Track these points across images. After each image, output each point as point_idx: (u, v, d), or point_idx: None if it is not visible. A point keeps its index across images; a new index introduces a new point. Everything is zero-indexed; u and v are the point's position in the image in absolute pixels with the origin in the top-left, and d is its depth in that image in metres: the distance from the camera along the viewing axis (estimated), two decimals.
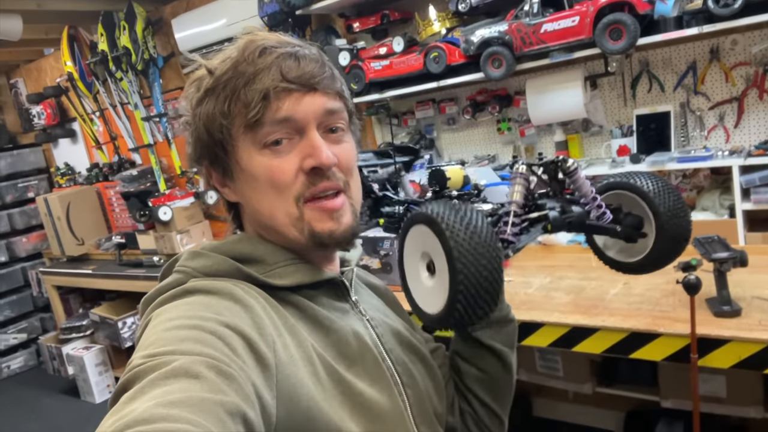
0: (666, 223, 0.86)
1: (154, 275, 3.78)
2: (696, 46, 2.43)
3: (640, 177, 0.91)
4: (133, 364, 0.57)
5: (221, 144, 0.76)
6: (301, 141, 0.75)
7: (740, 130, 2.42)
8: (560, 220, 0.87)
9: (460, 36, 2.65)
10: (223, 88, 0.74)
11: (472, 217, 0.73)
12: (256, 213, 0.79)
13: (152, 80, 4.20)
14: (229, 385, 0.55)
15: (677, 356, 1.83)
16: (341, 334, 0.78)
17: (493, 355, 0.98)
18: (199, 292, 0.69)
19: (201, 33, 3.80)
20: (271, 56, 0.74)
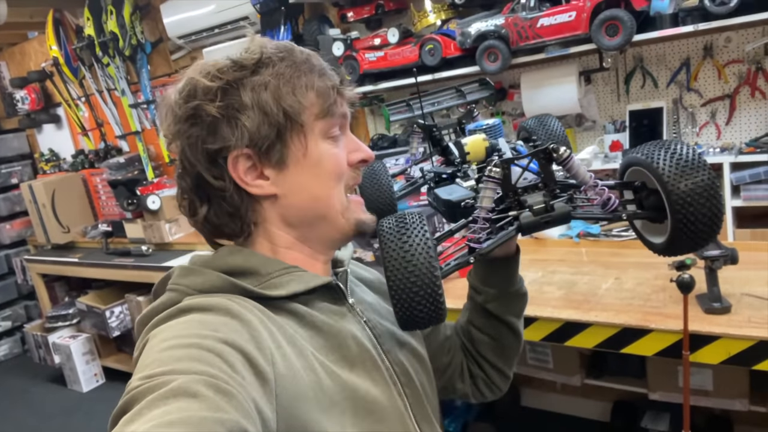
0: (680, 206, 0.74)
1: (143, 265, 3.77)
2: (690, 42, 2.44)
3: (659, 150, 0.77)
4: (131, 387, 0.56)
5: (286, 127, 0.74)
6: (341, 137, 0.81)
7: (731, 127, 2.45)
8: (534, 221, 0.79)
9: (456, 28, 2.63)
10: (297, 68, 0.75)
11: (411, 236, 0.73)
12: (309, 202, 0.79)
13: (140, 66, 4.13)
14: (229, 403, 0.55)
15: (668, 352, 1.86)
16: (340, 338, 0.78)
17: (506, 325, 1.04)
18: (195, 310, 0.68)
19: (190, 18, 3.73)
20: (313, 59, 0.78)
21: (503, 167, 0.80)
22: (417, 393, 0.87)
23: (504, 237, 0.80)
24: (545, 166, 0.82)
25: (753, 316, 1.81)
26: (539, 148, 0.81)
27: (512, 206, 0.82)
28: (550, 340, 2.09)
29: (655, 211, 0.79)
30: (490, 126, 1.03)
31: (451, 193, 0.92)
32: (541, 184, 0.82)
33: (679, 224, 0.75)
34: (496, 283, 1.02)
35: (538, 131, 1.06)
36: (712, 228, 0.75)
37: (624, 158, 0.86)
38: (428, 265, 0.72)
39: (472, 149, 0.95)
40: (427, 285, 0.72)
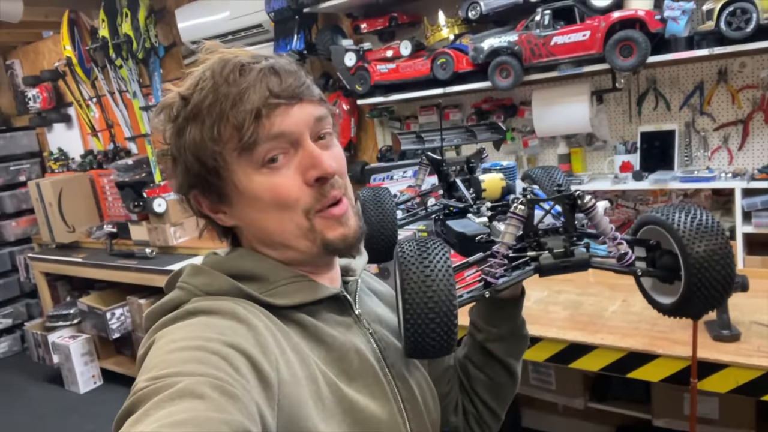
0: (695, 269, 0.74)
1: (146, 267, 3.76)
2: (704, 66, 2.43)
3: (678, 212, 0.79)
4: (137, 388, 0.57)
5: (215, 170, 0.74)
6: (297, 153, 0.75)
7: (744, 152, 2.43)
8: (553, 264, 0.80)
9: (469, 43, 2.63)
10: (208, 113, 0.72)
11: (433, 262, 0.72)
12: (262, 232, 0.78)
13: (152, 69, 4.15)
14: (234, 405, 0.55)
15: (674, 378, 1.83)
16: (343, 351, 0.78)
17: (504, 367, 1.02)
18: (202, 313, 0.69)
19: (204, 24, 3.75)
20: (252, 73, 0.72)
21: (528, 206, 0.80)
22: (418, 409, 0.86)
23: (522, 276, 0.80)
24: (568, 212, 0.82)
25: (762, 345, 1.78)
26: (565, 193, 0.81)
27: (531, 246, 0.82)
28: (554, 361, 2.06)
29: (668, 271, 0.80)
30: (505, 167, 1.02)
31: (465, 226, 0.92)
32: (561, 229, 0.83)
33: (693, 287, 0.75)
34: (498, 323, 1.01)
35: (543, 181, 1.07)
36: (723, 293, 0.75)
37: (641, 216, 0.86)
38: (448, 294, 0.71)
39: (489, 186, 0.95)
40: (444, 314, 0.71)
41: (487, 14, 2.61)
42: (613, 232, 0.81)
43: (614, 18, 2.23)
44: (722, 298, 0.76)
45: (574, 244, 0.82)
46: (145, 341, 0.69)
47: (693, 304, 0.78)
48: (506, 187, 0.96)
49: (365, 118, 3.42)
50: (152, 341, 0.67)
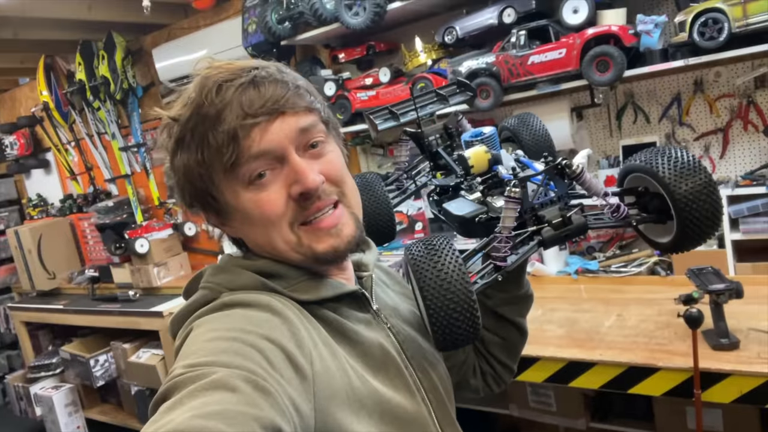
0: (685, 206, 0.79)
1: (129, 310, 3.66)
2: (680, 78, 2.46)
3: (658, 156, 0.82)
4: (174, 374, 0.58)
5: (207, 192, 0.76)
6: (284, 168, 0.74)
7: (726, 160, 2.44)
8: (555, 236, 0.83)
9: (447, 67, 2.65)
10: (192, 136, 0.73)
11: (443, 259, 0.74)
12: (258, 246, 0.80)
13: (131, 110, 4.13)
14: (266, 400, 0.56)
15: (677, 391, 1.79)
16: (366, 346, 0.79)
17: (514, 326, 1.08)
18: (238, 305, 0.70)
19: (182, 63, 3.75)
20: (229, 91, 0.72)
21: (521, 186, 0.82)
22: (440, 398, 0.88)
23: (527, 253, 0.83)
24: (559, 181, 0.85)
25: (762, 351, 1.75)
26: (552, 164, 0.83)
27: (530, 221, 0.85)
28: (553, 381, 2.01)
29: (660, 213, 0.85)
30: (487, 136, 1.00)
31: (462, 208, 0.94)
32: (555, 198, 0.85)
33: (685, 222, 0.80)
34: (506, 288, 1.05)
35: (521, 131, 1.09)
36: (714, 223, 0.81)
37: (623, 166, 0.90)
38: (464, 286, 0.73)
39: (476, 162, 0.95)
40: (465, 307, 0.73)
41: (463, 38, 2.63)
42: (604, 190, 0.84)
43: (589, 35, 2.26)
44: (714, 227, 0.81)
45: (569, 209, 0.85)
46: (181, 333, 0.71)
47: (689, 238, 0.83)
48: (492, 158, 0.95)
49: (348, 146, 3.41)
50: (190, 329, 0.68)
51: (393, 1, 2.61)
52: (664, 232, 0.88)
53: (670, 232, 0.85)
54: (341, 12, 2.63)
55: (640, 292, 2.40)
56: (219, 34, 3.57)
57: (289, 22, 2.87)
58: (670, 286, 2.37)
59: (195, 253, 4.21)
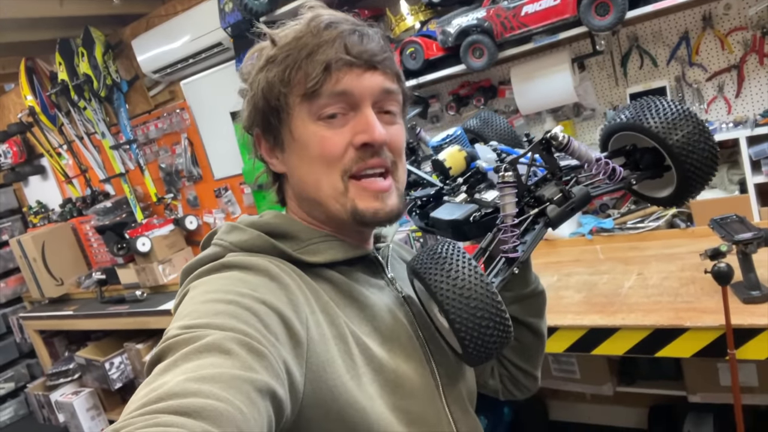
0: (682, 155, 0.78)
1: (139, 311, 3.60)
2: (686, 15, 2.28)
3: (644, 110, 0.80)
4: (169, 335, 0.58)
5: (277, 111, 0.76)
6: (355, 117, 0.75)
7: (742, 99, 2.28)
8: (560, 212, 0.79)
9: (436, 28, 2.48)
10: (285, 57, 0.74)
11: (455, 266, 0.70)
12: (301, 184, 0.79)
13: (117, 106, 4.00)
14: (260, 363, 0.56)
15: (708, 351, 1.68)
16: (376, 310, 0.78)
17: (526, 327, 1.00)
18: (237, 267, 0.70)
19: (165, 52, 3.62)
20: (335, 30, 0.74)
21: (513, 168, 0.78)
22: (452, 373, 0.85)
23: (537, 237, 0.79)
24: (548, 157, 0.80)
25: None
26: (538, 140, 0.79)
27: (530, 204, 0.81)
28: (575, 350, 1.90)
29: (655, 167, 0.83)
30: (455, 136, 0.99)
31: (452, 212, 0.89)
32: (548, 175, 0.81)
33: (685, 171, 0.79)
34: (511, 286, 0.99)
35: (485, 130, 1.06)
36: (713, 165, 0.80)
37: (605, 127, 0.87)
38: (485, 287, 0.69)
39: (453, 163, 0.92)
40: (493, 312, 0.68)
41: None
42: (595, 156, 0.81)
43: None
44: (713, 169, 0.81)
45: (566, 183, 0.81)
46: (180, 291, 0.72)
47: (691, 186, 0.82)
48: (468, 156, 0.93)
49: None
50: (187, 291, 0.69)
51: None
52: (662, 186, 0.86)
53: (670, 184, 0.84)
54: None
55: (660, 247, 2.27)
56: (198, 18, 3.42)
57: None
58: (692, 239, 2.24)
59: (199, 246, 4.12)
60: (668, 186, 0.84)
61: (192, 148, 3.95)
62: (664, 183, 0.85)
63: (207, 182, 3.99)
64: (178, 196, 4.17)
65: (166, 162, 4.12)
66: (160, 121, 4.01)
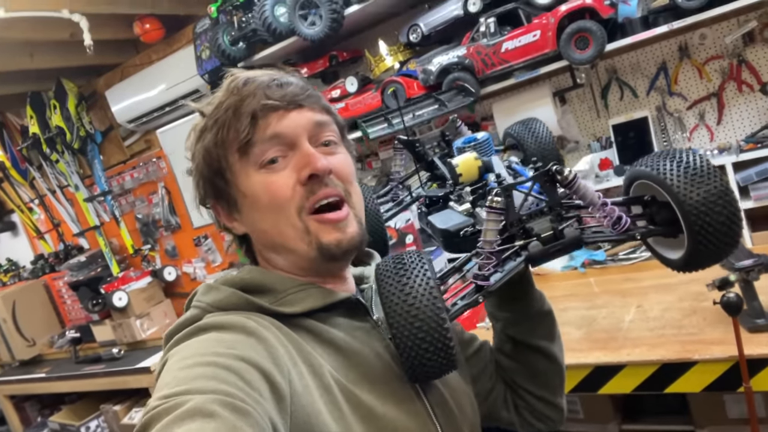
0: (697, 218, 0.70)
1: (116, 370, 3.42)
2: (663, 46, 2.32)
3: (664, 160, 0.73)
4: (150, 407, 0.57)
5: (220, 173, 0.78)
6: (295, 155, 0.76)
7: (723, 126, 2.30)
8: (543, 251, 0.75)
9: (417, 67, 2.48)
10: (214, 122, 0.77)
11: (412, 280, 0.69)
12: (264, 236, 0.80)
13: (92, 158, 3.91)
14: (245, 421, 0.55)
15: (718, 384, 1.62)
16: (362, 356, 0.77)
17: (534, 350, 0.96)
18: (213, 329, 0.69)
19: (140, 101, 3.58)
20: (253, 84, 0.77)
21: (505, 195, 0.75)
22: (449, 411, 0.83)
23: (512, 270, 0.75)
24: (549, 189, 0.77)
25: None
26: (542, 170, 0.76)
27: (517, 235, 0.77)
28: (580, 390, 1.83)
29: (668, 225, 0.75)
30: (479, 142, 0.94)
31: (447, 221, 0.87)
32: (546, 209, 0.77)
33: (696, 236, 0.71)
34: (510, 306, 0.95)
35: (525, 137, 1.02)
36: (732, 237, 0.71)
37: (628, 172, 0.81)
38: (433, 308, 0.68)
39: (464, 170, 0.89)
40: (434, 331, 0.67)
41: (429, 35, 2.48)
42: (601, 199, 0.76)
43: (563, 11, 2.10)
44: (732, 243, 0.72)
45: (562, 220, 0.76)
46: (160, 360, 0.70)
47: (702, 254, 0.73)
48: (483, 166, 0.89)
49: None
50: (166, 360, 0.67)
51: (350, 5, 2.45)
52: (675, 247, 0.78)
53: (682, 247, 0.75)
54: (296, 23, 2.45)
55: (655, 278, 2.23)
56: (174, 66, 3.41)
57: (243, 41, 2.69)
58: None
59: (179, 298, 3.99)
60: (681, 248, 0.77)
61: (169, 197, 3.86)
62: (677, 244, 0.77)
63: (186, 231, 3.89)
64: (156, 247, 4.05)
65: (143, 212, 4.01)
66: (136, 171, 3.93)
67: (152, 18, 3.24)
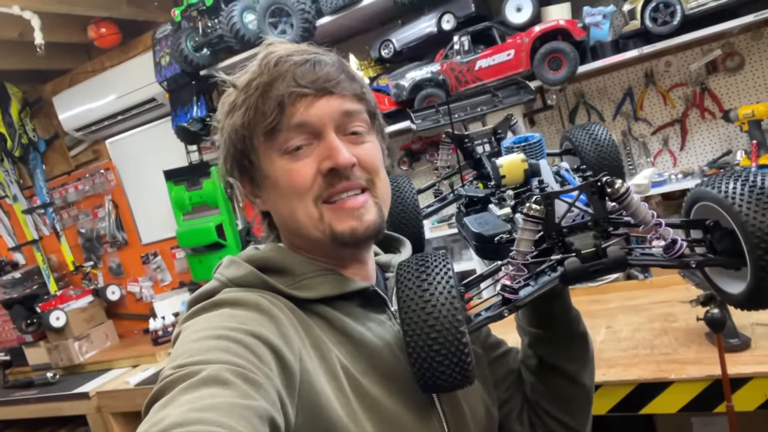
0: (761, 248, 0.61)
1: (49, 395, 3.15)
2: (630, 72, 2.38)
3: (730, 180, 0.65)
4: (164, 375, 0.58)
5: (245, 154, 0.78)
6: (320, 144, 0.75)
7: (686, 152, 2.36)
8: (581, 269, 0.67)
9: (389, 81, 2.45)
10: (244, 101, 0.76)
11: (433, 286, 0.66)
12: (282, 218, 0.81)
13: (33, 167, 3.68)
14: (257, 391, 0.57)
15: (696, 405, 1.61)
16: (372, 347, 0.76)
17: (561, 374, 0.91)
18: (227, 304, 0.70)
19: (91, 109, 3.41)
20: (285, 64, 0.75)
21: (545, 203, 0.69)
22: (461, 414, 0.81)
23: (544, 286, 0.69)
24: (597, 202, 0.70)
25: None
26: (590, 180, 0.69)
27: (555, 248, 0.71)
28: None
29: (731, 255, 0.67)
30: (530, 143, 0.88)
31: (483, 224, 0.82)
32: (590, 223, 0.70)
33: (761, 271, 0.63)
34: (542, 323, 0.90)
35: (583, 142, 0.97)
36: None
37: (691, 192, 0.73)
38: (452, 319, 0.64)
39: (509, 172, 0.82)
40: (450, 344, 0.64)
41: (401, 51, 2.47)
42: (655, 218, 0.69)
43: (537, 32, 2.13)
44: None
45: (608, 237, 0.70)
46: (175, 330, 0.71)
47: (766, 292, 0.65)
48: (529, 169, 0.82)
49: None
50: (179, 332, 0.68)
51: (322, 16, 2.40)
52: (736, 280, 0.70)
53: (744, 280, 0.67)
54: (266, 31, 2.39)
55: (622, 299, 2.24)
56: (129, 73, 3.26)
57: (208, 48, 2.60)
58: (651, 290, 2.23)
59: (122, 319, 3.75)
60: (743, 282, 0.68)
61: (117, 211, 3.66)
62: (739, 276, 0.69)
63: (133, 247, 3.68)
64: (99, 264, 3.82)
65: (87, 227, 3.78)
66: (81, 183, 3.71)
67: (109, 22, 3.11)
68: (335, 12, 2.38)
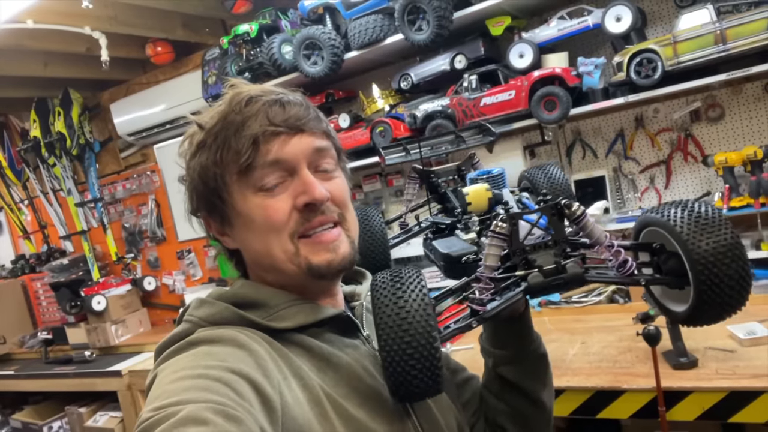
0: (702, 268, 0.67)
1: (85, 371, 3.51)
2: (622, 115, 2.62)
3: (674, 207, 0.72)
4: (142, 419, 0.57)
5: (216, 192, 0.78)
6: (294, 181, 0.77)
7: (670, 190, 2.58)
8: (543, 283, 0.73)
9: (404, 111, 2.74)
10: (214, 139, 0.77)
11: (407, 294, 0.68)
12: (254, 254, 0.81)
13: (88, 165, 4.08)
14: (238, 428, 0.56)
15: (644, 412, 1.82)
16: (351, 371, 0.77)
17: (522, 394, 0.95)
18: (203, 343, 0.70)
19: (140, 117, 3.76)
20: (257, 104, 0.77)
21: (510, 222, 0.74)
22: (439, 429, 0.83)
23: (510, 299, 0.74)
24: (556, 223, 0.76)
25: (719, 368, 1.82)
26: (550, 203, 0.76)
27: (519, 265, 0.76)
28: None
29: (675, 276, 0.72)
30: (493, 175, 0.96)
31: (450, 246, 0.87)
32: (550, 242, 0.77)
33: (703, 289, 0.68)
34: (505, 343, 0.94)
35: (540, 180, 1.03)
36: (739, 293, 0.68)
37: (640, 218, 0.80)
38: (426, 326, 0.66)
39: (474, 199, 0.90)
40: (423, 350, 0.66)
41: (418, 84, 2.75)
42: (608, 240, 0.75)
43: (535, 77, 2.39)
44: (739, 300, 0.69)
45: (567, 256, 0.75)
46: (150, 375, 0.70)
47: (708, 310, 0.70)
48: (493, 198, 0.90)
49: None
50: (155, 374, 0.68)
51: (350, 51, 2.72)
52: (680, 299, 0.75)
53: (687, 300, 0.72)
54: (300, 61, 2.72)
55: (601, 320, 2.46)
56: (178, 88, 3.62)
57: (249, 72, 2.94)
58: (629, 313, 2.44)
59: (155, 308, 4.10)
60: (685, 302, 0.73)
61: (158, 210, 4.02)
62: (682, 297, 0.74)
63: (170, 244, 4.03)
64: (139, 257, 4.18)
65: (131, 222, 4.16)
66: (129, 182, 4.09)
67: (164, 42, 3.47)
68: (361, 48, 2.69)
